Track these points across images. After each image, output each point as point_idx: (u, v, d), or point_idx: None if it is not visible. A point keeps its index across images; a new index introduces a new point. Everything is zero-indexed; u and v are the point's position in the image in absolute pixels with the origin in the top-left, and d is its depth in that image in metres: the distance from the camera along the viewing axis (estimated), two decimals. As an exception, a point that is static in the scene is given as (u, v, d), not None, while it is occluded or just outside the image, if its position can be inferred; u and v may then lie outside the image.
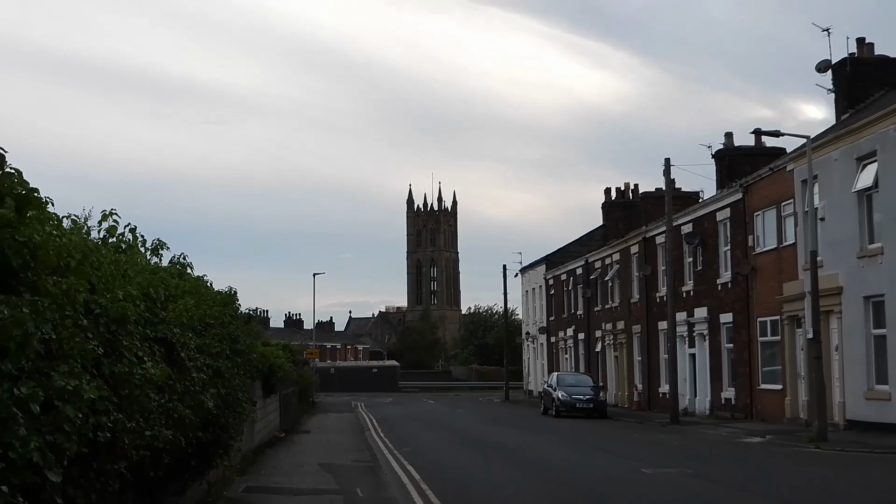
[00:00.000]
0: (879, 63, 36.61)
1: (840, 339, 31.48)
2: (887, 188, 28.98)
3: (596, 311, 59.78)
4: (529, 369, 78.10)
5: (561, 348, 68.14)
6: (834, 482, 19.42)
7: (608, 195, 62.68)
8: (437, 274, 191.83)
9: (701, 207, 45.44)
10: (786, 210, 36.00)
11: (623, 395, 54.36)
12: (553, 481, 20.53)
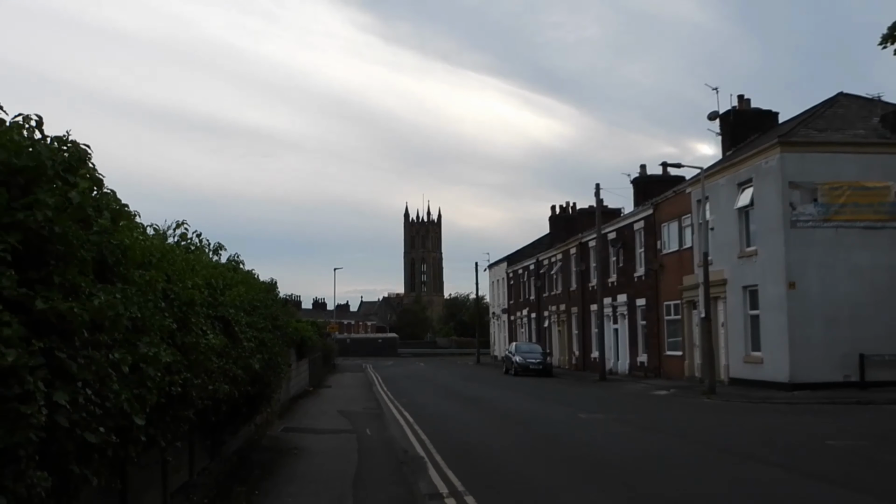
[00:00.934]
0: (754, 114, 36.81)
1: (725, 318, 31.64)
2: (760, 206, 29.17)
3: (544, 297, 59.89)
4: (495, 340, 78.31)
5: (518, 325, 68.28)
6: (719, 422, 19.53)
7: (553, 211, 62.84)
8: (426, 269, 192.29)
9: (622, 220, 45.55)
10: (685, 222, 36.16)
11: (564, 359, 54.50)
12: (511, 421, 20.59)
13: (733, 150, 34.94)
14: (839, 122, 29.93)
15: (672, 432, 17.87)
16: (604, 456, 14.35)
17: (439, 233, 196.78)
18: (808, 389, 26.04)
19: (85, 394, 4.59)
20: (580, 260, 50.45)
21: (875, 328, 26.96)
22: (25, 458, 3.95)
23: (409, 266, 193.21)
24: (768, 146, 28.86)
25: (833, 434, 16.58)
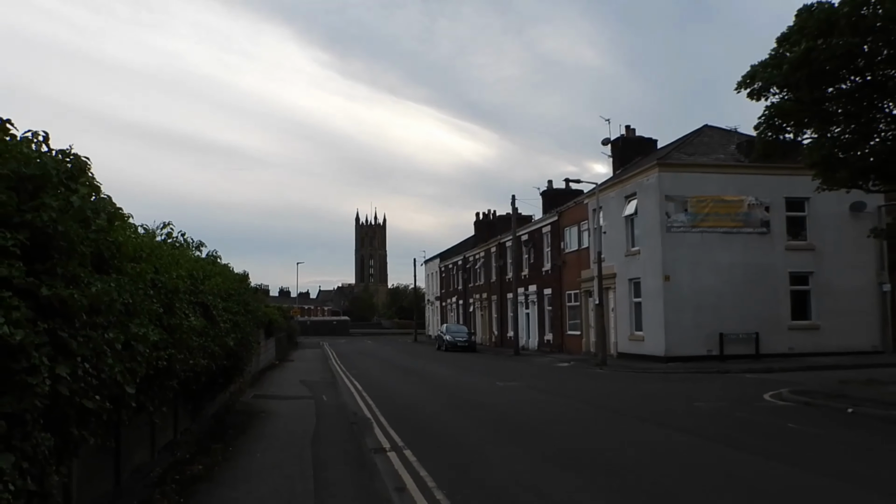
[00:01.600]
0: (638, 140, 37.50)
1: (614, 304, 32.11)
2: (642, 215, 29.67)
3: (469, 287, 60.02)
4: (429, 322, 78.16)
5: (448, 309, 68.29)
6: (610, 388, 19.79)
7: (478, 216, 63.07)
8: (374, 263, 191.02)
9: (533, 225, 45.86)
10: (583, 227, 36.57)
11: (486, 338, 54.66)
12: (442, 388, 20.56)
13: (622, 170, 35.53)
14: (705, 149, 30.65)
15: (573, 397, 18.08)
16: (519, 416, 14.45)
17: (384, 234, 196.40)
18: (680, 361, 26.61)
19: (84, 367, 4.58)
20: (499, 257, 50.69)
21: (731, 313, 27.69)
22: (31, 422, 3.96)
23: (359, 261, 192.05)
24: (649, 167, 29.39)
25: (700, 397, 16.96)
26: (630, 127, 37.78)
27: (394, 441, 11.35)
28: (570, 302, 38.60)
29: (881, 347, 28.80)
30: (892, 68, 16.58)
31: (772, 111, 18.04)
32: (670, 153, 30.73)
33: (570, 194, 42.40)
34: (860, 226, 27.19)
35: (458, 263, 64.11)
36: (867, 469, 8.99)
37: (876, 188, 20.17)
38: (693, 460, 9.69)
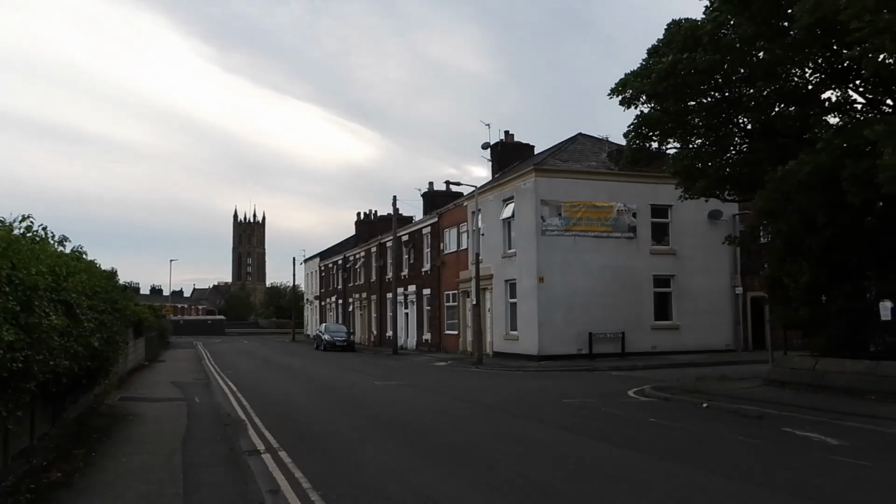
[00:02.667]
0: (516, 146, 38.52)
1: (491, 304, 32.75)
2: (519, 218, 30.43)
3: (349, 286, 59.63)
4: (308, 321, 77.10)
5: (328, 309, 67.59)
6: (485, 386, 20.17)
7: (359, 216, 62.69)
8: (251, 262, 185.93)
9: (414, 225, 46.15)
10: (462, 229, 37.12)
11: (365, 337, 54.48)
12: (320, 388, 20.35)
13: (500, 173, 36.32)
14: (578, 156, 31.82)
15: (450, 394, 18.32)
16: (396, 414, 14.50)
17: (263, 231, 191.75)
18: (552, 360, 27.48)
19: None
20: (379, 257, 50.64)
21: (600, 313, 28.88)
22: None
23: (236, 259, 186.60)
24: (526, 171, 30.18)
25: (570, 394, 17.58)
26: (509, 132, 38.75)
27: (269, 442, 11.12)
28: (448, 302, 39.05)
29: (734, 346, 30.89)
30: (747, 86, 17.82)
31: (640, 120, 18.97)
32: (546, 159, 31.69)
33: (451, 196, 42.95)
34: (717, 232, 29.02)
35: (339, 263, 63.55)
36: (716, 456, 9.63)
37: (731, 197, 21.62)
38: (561, 452, 10.06)
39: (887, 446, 10.44)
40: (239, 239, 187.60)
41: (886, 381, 14.40)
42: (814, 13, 12.83)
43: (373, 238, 53.72)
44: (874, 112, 16.85)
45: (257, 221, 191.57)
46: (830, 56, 16.30)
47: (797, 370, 16.76)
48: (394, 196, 42.96)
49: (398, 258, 45.19)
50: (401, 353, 39.29)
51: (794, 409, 13.59)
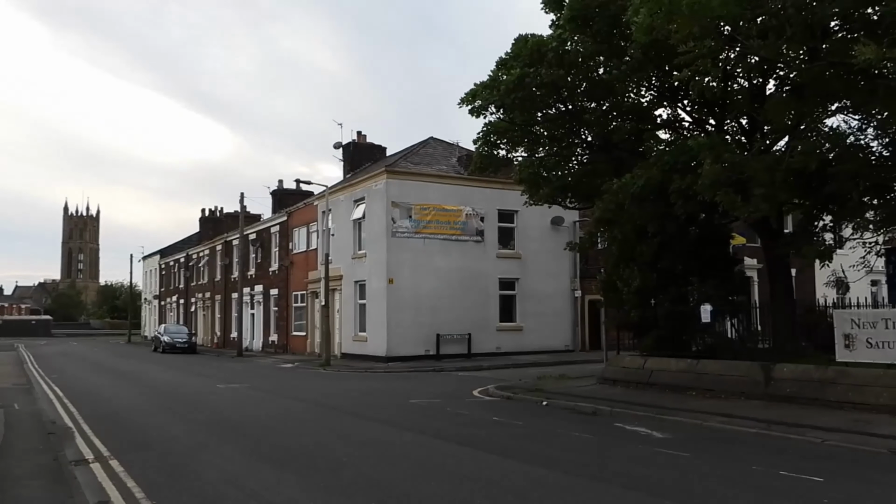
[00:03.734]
0: (368, 147, 38.48)
1: (340, 305, 32.53)
2: (370, 219, 30.44)
3: (192, 286, 57.21)
4: (147, 322, 73.17)
5: (168, 309, 64.44)
6: (332, 388, 20.00)
7: (203, 213, 60.23)
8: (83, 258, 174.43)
9: (262, 224, 45.00)
10: (312, 228, 36.64)
11: (208, 339, 52.46)
12: (157, 392, 19.37)
13: (352, 174, 36.17)
14: (429, 159, 32.27)
15: (296, 397, 18.01)
16: (238, 418, 14.06)
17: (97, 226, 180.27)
18: (400, 361, 27.67)
19: None
20: (225, 255, 48.92)
21: (448, 315, 29.42)
22: None
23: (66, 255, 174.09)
24: (378, 173, 30.25)
25: (416, 394, 17.77)
26: (362, 133, 38.64)
27: (98, 451, 10.45)
28: (296, 303, 38.41)
29: (572, 346, 32.46)
30: (588, 101, 18.79)
31: (489, 129, 19.53)
32: (398, 161, 31.90)
33: (301, 195, 42.22)
34: (559, 238, 30.41)
35: (181, 261, 60.79)
36: (554, 452, 10.08)
37: (572, 205, 22.70)
38: (407, 452, 10.15)
39: (704, 438, 11.35)
40: (70, 233, 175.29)
41: (705, 378, 15.66)
42: (648, 34, 13.73)
43: (218, 236, 51.83)
44: (699, 130, 18.28)
45: (91, 215, 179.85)
46: (663, 76, 17.51)
47: (628, 369, 17.86)
48: (241, 193, 41.72)
49: (245, 257, 43.86)
50: (246, 356, 38.15)
51: (625, 405, 14.47)
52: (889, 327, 12.88)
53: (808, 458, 9.55)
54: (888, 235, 15.90)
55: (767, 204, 13.66)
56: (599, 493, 7.75)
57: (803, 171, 12.89)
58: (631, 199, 16.30)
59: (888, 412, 12.07)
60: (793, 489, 7.82)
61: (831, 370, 13.47)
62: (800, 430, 11.15)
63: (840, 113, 15.33)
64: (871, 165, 13.47)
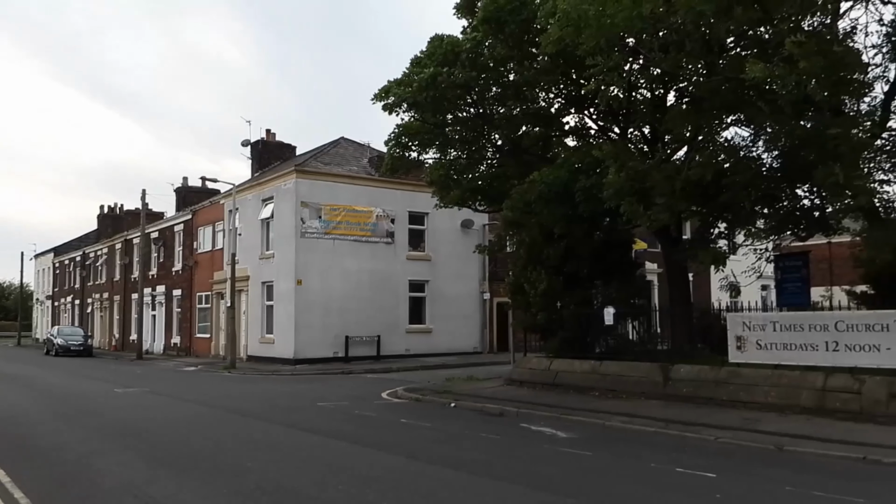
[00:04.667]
0: (278, 145, 37.86)
1: (247, 307, 31.85)
2: (278, 219, 29.95)
3: (89, 286, 54.74)
4: (38, 324, 69.39)
5: (62, 310, 61.38)
6: (237, 391, 19.58)
7: (102, 210, 57.84)
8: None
9: (165, 222, 43.55)
10: (218, 227, 35.72)
11: (106, 341, 50.30)
12: (49, 396, 18.45)
13: (260, 172, 35.50)
14: (340, 160, 32.01)
15: (198, 401, 17.50)
16: (137, 423, 13.53)
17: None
18: (308, 363, 27.34)
19: None
20: (125, 254, 47.09)
21: (356, 316, 29.25)
22: None
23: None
24: (287, 172, 29.81)
25: (324, 397, 17.59)
26: (271, 131, 37.99)
27: (-18, 459, 9.85)
28: (200, 304, 37.38)
29: (480, 348, 32.85)
30: (499, 104, 19.09)
31: (401, 129, 19.57)
32: (308, 161, 31.51)
33: (207, 193, 41.11)
34: (468, 241, 30.71)
35: (77, 259, 58.06)
36: (461, 453, 10.18)
37: (482, 208, 23.00)
38: (314, 455, 10.03)
39: (605, 437, 11.70)
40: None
41: (607, 379, 16.15)
42: (556, 46, 14.09)
43: (118, 234, 49.82)
44: (605, 138, 18.86)
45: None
46: (571, 84, 17.99)
47: (534, 370, 18.22)
48: (143, 189, 40.74)
49: (146, 256, 42.29)
50: (146, 359, 36.85)
51: (531, 406, 14.76)
52: (777, 330, 13.61)
53: (703, 455, 9.98)
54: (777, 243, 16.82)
55: (668, 213, 14.24)
56: (505, 492, 7.87)
57: (700, 181, 13.47)
58: (538, 198, 16.66)
59: (775, 410, 12.77)
60: (688, 485, 8.16)
61: (724, 371, 14.14)
62: (695, 429, 11.65)
63: (735, 125, 16.12)
64: (762, 176, 14.21)
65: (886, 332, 12.07)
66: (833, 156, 11.99)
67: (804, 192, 14.49)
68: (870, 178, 12.97)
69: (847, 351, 12.53)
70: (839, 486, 7.91)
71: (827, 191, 12.75)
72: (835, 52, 11.85)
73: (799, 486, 7.91)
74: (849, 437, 10.48)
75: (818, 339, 12.93)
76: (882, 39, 13.63)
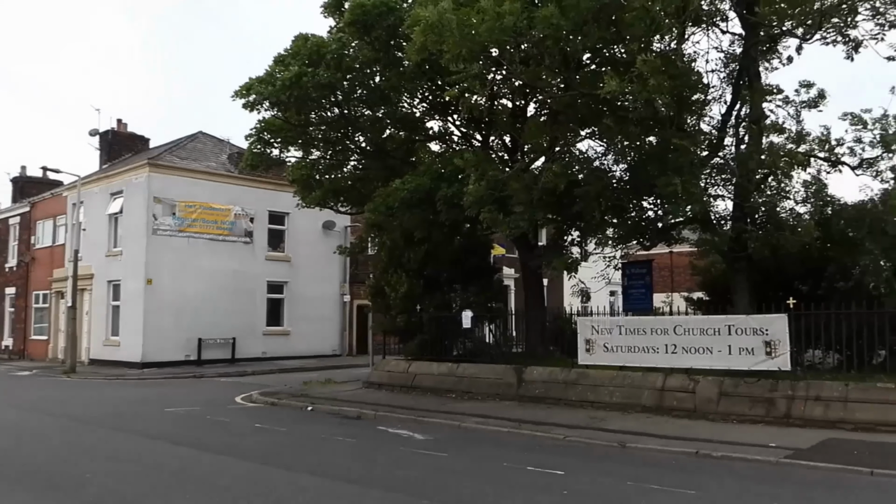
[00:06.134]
0: (129, 136, 35.85)
1: (90, 307, 29.94)
2: (128, 214, 28.41)
3: None
4: None
5: None
6: (78, 395, 18.34)
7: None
8: None
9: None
10: (60, 221, 33.36)
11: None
12: None
13: (109, 164, 33.54)
14: (197, 155, 30.79)
15: (34, 408, 16.29)
16: (-42, 434, 12.40)
17: None
18: (157, 367, 26.07)
19: None
20: (-51, 248, 43.01)
21: (211, 318, 28.20)
22: None
23: None
24: (139, 165, 28.36)
25: (174, 402, 16.82)
26: (122, 121, 35.87)
27: None
28: (37, 303, 34.75)
29: (340, 351, 32.56)
30: (364, 107, 19.04)
31: (262, 126, 19.09)
32: (163, 154, 30.08)
33: (48, 184, 38.26)
34: (330, 242, 30.37)
35: None
36: (318, 458, 10.05)
37: (345, 210, 22.84)
38: (161, 463, 9.58)
39: (462, 438, 11.92)
40: None
41: (464, 381, 16.48)
42: (421, 53, 14.26)
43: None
44: (467, 144, 19.26)
45: None
46: (436, 90, 18.23)
47: (393, 373, 18.30)
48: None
49: (-25, 251, 38.85)
50: (-29, 362, 33.79)
51: (389, 408, 14.80)
52: (622, 333, 14.41)
53: (553, 453, 10.38)
54: (624, 251, 17.82)
55: (526, 222, 14.76)
56: (361, 496, 7.85)
57: (555, 190, 14.04)
58: (401, 203, 16.77)
59: (620, 409, 13.52)
60: (538, 483, 8.46)
61: (574, 372, 14.80)
62: (546, 428, 12.11)
63: (589, 138, 16.95)
64: (612, 188, 15.00)
65: (718, 336, 13.06)
66: (674, 168, 12.86)
67: (649, 203, 15.45)
68: (706, 191, 14.01)
69: (684, 353, 13.45)
70: (675, 480, 8.46)
71: (667, 200, 13.64)
72: (680, 71, 12.73)
73: (639, 481, 8.40)
74: (684, 433, 11.26)
75: (659, 342, 13.80)
76: (720, 65, 14.83)
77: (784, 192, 14.22)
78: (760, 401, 12.28)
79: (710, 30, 14.34)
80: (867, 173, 13.91)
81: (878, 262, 13.74)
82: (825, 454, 9.64)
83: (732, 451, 9.96)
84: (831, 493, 8.00)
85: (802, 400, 11.90)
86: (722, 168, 14.37)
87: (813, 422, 11.54)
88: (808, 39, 13.74)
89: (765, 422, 11.97)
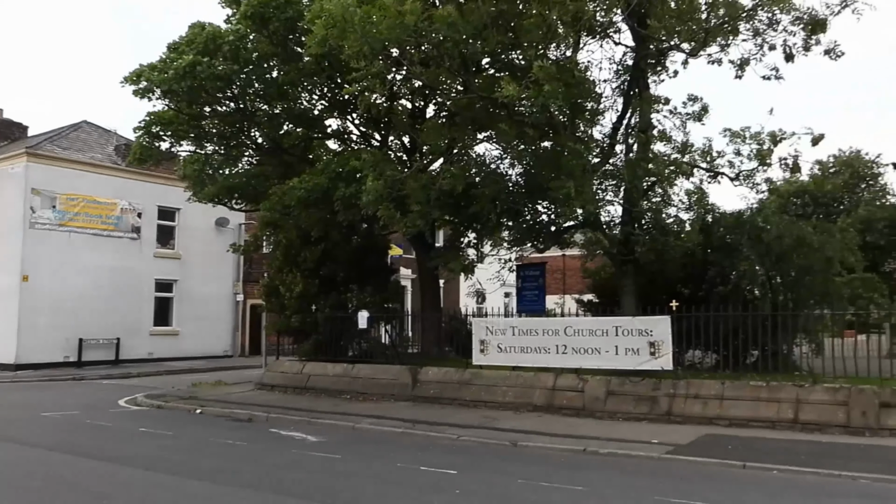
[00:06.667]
0: (6, 123, 33.51)
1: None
2: (3, 206, 26.57)
3: None
4: None
5: None
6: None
7: None
8: None
9: None
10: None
11: None
12: None
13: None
14: (81, 145, 29.27)
15: None
16: None
17: None
18: (33, 369, 24.59)
19: None
20: None
21: (94, 317, 26.88)
22: None
23: None
24: (16, 154, 26.66)
25: (51, 406, 15.92)
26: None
27: None
28: None
29: (231, 352, 31.71)
30: (261, 102, 18.61)
31: (152, 118, 18.34)
32: (43, 143, 28.39)
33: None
34: (223, 239, 29.50)
35: None
36: (206, 462, 9.75)
37: (239, 206, 22.26)
38: (32, 471, 9.03)
39: (356, 439, 11.85)
40: None
41: (359, 382, 16.39)
42: (321, 47, 14.09)
43: None
44: (366, 143, 19.16)
45: None
46: (335, 87, 18.03)
47: (286, 374, 17.98)
48: None
49: None
50: None
51: (282, 410, 14.54)
52: (515, 334, 14.70)
53: (446, 453, 10.48)
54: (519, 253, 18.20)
55: (423, 221, 14.83)
56: (251, 500, 7.67)
57: (452, 191, 14.19)
58: (297, 202, 16.51)
59: (512, 409, 13.79)
60: (431, 482, 8.52)
61: (468, 372, 14.99)
62: (440, 428, 12.21)
63: (486, 142, 17.22)
64: (508, 191, 15.30)
65: (606, 337, 13.53)
66: (568, 173, 13.24)
67: (544, 207, 15.84)
68: (597, 195, 14.49)
69: (574, 354, 13.86)
70: (563, 476, 8.71)
71: (560, 203, 14.04)
72: (574, 79, 13.11)
73: (529, 479, 8.59)
74: (573, 431, 11.62)
75: (550, 342, 14.16)
76: (612, 75, 15.38)
77: (668, 200, 14.91)
78: (645, 399, 12.81)
79: (604, 41, 14.85)
80: (745, 184, 14.77)
81: (753, 268, 14.63)
82: (702, 449, 10.17)
83: (618, 448, 10.37)
84: (706, 485, 8.44)
85: (683, 398, 12.50)
86: (613, 174, 14.90)
87: (692, 418, 12.16)
88: (695, 55, 14.46)
89: (648, 419, 12.51)
